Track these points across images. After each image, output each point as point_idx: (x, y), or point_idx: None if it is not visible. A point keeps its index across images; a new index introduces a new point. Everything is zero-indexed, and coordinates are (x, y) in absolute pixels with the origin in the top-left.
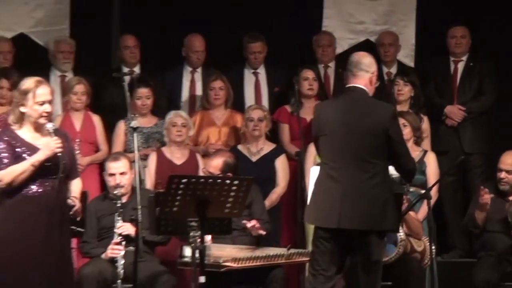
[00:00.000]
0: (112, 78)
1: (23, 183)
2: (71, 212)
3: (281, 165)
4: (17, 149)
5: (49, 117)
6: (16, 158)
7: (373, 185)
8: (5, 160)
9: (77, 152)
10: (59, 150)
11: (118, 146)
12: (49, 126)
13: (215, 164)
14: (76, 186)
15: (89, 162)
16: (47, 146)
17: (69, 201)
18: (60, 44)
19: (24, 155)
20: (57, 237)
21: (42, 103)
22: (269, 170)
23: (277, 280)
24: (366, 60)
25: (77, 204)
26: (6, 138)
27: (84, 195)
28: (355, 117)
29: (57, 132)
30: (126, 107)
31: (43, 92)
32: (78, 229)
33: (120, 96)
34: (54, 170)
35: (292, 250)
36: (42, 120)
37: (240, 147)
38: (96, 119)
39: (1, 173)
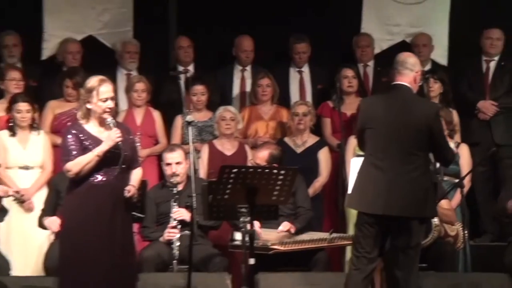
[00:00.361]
0: (170, 76)
1: (89, 173)
2: (128, 195)
3: (323, 156)
4: (84, 142)
5: (112, 112)
6: (83, 150)
7: (417, 175)
8: (74, 152)
9: (138, 145)
10: (119, 139)
11: (175, 138)
12: (109, 120)
13: (262, 156)
14: (135, 175)
15: (149, 154)
16: (109, 137)
17: (125, 191)
18: (127, 45)
19: (90, 147)
20: (120, 222)
21: (105, 100)
22: (313, 161)
23: (320, 262)
24: (411, 60)
25: (132, 190)
26: (74, 132)
27: (144, 184)
28: (402, 112)
29: (120, 126)
30: (182, 103)
31: (105, 89)
32: (139, 215)
33: (177, 93)
34: (117, 160)
35: (334, 234)
36: (105, 116)
37: (286, 139)
38: (156, 114)
39: (70, 164)
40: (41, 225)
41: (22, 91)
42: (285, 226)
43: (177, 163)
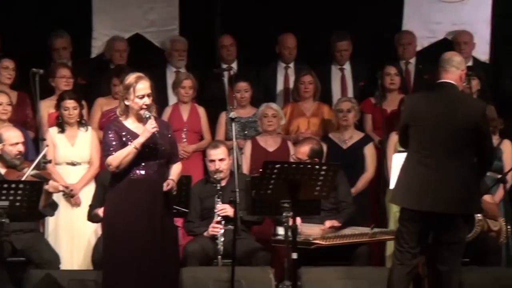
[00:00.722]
0: (214, 73)
1: (129, 168)
2: (166, 188)
3: (369, 152)
4: (123, 138)
5: (149, 108)
6: (123, 146)
7: (463, 173)
8: (113, 147)
9: (184, 140)
10: (155, 129)
11: (220, 135)
12: (145, 113)
13: (303, 151)
14: (174, 169)
15: (194, 150)
16: (145, 129)
17: (164, 184)
18: (175, 43)
19: (129, 142)
20: (160, 215)
21: (142, 97)
22: (358, 157)
23: (362, 257)
24: (457, 58)
25: (170, 183)
26: (114, 128)
27: (188, 179)
28: (449, 110)
29: (158, 121)
30: (226, 100)
31: (142, 86)
32: (183, 209)
33: (221, 90)
34: (156, 155)
35: (376, 229)
36: (142, 112)
37: (331, 135)
38: (201, 111)
39: (110, 158)
40: (90, 219)
41: (71, 88)
42: (328, 224)
43: (221, 159)
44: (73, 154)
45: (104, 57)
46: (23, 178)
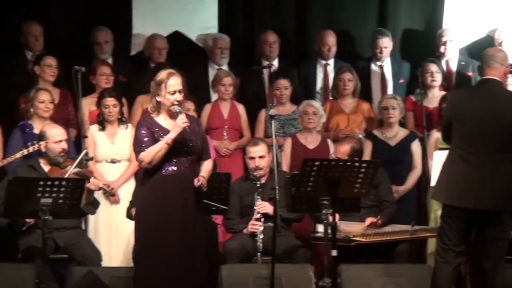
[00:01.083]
0: (253, 71)
1: (160, 164)
2: (196, 184)
3: (416, 149)
4: (155, 134)
5: (180, 105)
6: (155, 142)
7: (508, 169)
8: (145, 143)
9: (225, 138)
10: (186, 124)
11: (259, 132)
12: (175, 108)
13: (343, 150)
14: (206, 166)
15: (236, 147)
16: (176, 124)
17: (195, 180)
18: (218, 41)
19: (161, 139)
20: (192, 211)
21: (173, 93)
22: (406, 154)
23: (402, 254)
24: (501, 54)
25: (201, 180)
26: (146, 124)
27: (228, 176)
28: (493, 107)
29: (189, 117)
30: (265, 97)
31: (174, 82)
32: (223, 207)
33: (261, 87)
34: (187, 151)
35: (416, 227)
36: (173, 107)
37: (376, 132)
38: (241, 108)
39: (142, 154)
40: (130, 216)
41: (112, 86)
42: (369, 220)
43: (260, 157)
44: (113, 151)
45: (144, 54)
46: (65, 176)
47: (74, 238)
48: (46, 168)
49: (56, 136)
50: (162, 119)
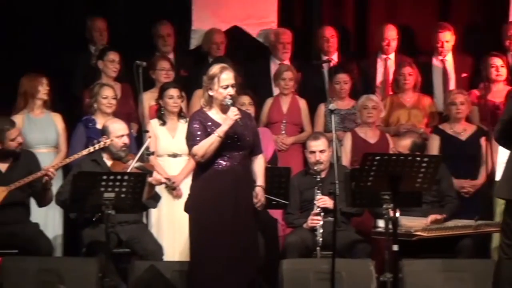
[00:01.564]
0: (313, 65)
1: (213, 159)
2: (258, 205)
3: (486, 143)
4: (208, 129)
5: (233, 99)
6: (207, 136)
7: None
8: (199, 137)
9: (283, 132)
10: (237, 117)
11: (318, 126)
12: (227, 100)
13: (404, 144)
14: (259, 167)
15: (294, 142)
16: (227, 117)
17: (255, 199)
18: (281, 36)
19: (214, 133)
20: (244, 206)
21: (226, 87)
22: (476, 149)
23: (466, 249)
24: None
25: (259, 195)
26: (199, 118)
27: (287, 171)
28: None
29: (241, 111)
30: (325, 91)
31: (226, 77)
32: (283, 201)
33: (320, 82)
34: (239, 146)
35: (480, 221)
36: (225, 101)
37: (443, 127)
38: (302, 103)
39: (195, 148)
40: (187, 210)
41: (171, 80)
42: (432, 218)
43: (321, 151)
44: (174, 146)
45: (202, 49)
46: (127, 171)
47: (136, 232)
48: (108, 162)
49: (118, 131)
50: (214, 113)
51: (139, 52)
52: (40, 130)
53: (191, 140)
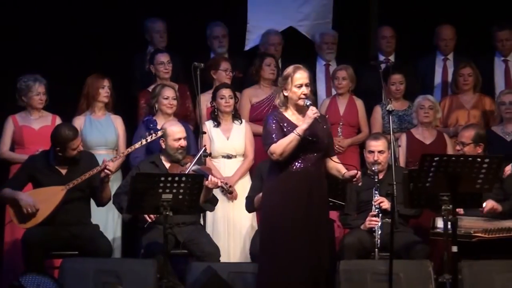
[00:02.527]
0: (369, 65)
1: (288, 160)
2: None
3: None
4: (284, 129)
5: (308, 98)
6: (284, 136)
7: None
8: (276, 136)
9: (339, 134)
10: (317, 115)
11: (376, 128)
12: (306, 100)
13: (467, 134)
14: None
15: (350, 144)
16: (307, 116)
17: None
18: (325, 36)
19: (292, 132)
20: (316, 207)
21: (300, 86)
22: None
23: None
24: None
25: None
26: (276, 118)
27: None
28: None
29: (321, 116)
30: (381, 92)
31: (300, 76)
32: (340, 202)
33: (375, 82)
34: (315, 148)
35: None
36: (301, 102)
37: (493, 128)
38: (359, 103)
39: (273, 146)
40: (248, 209)
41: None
42: (488, 205)
43: (380, 151)
44: (229, 147)
45: (259, 50)
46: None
47: (193, 234)
48: (167, 165)
49: (175, 134)
50: (290, 114)
51: (195, 54)
52: (100, 132)
53: (269, 138)
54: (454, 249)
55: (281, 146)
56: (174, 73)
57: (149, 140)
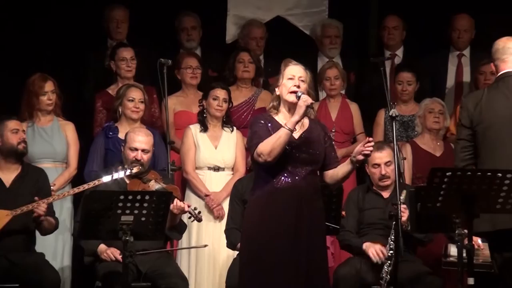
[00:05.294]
0: (370, 63)
1: (273, 173)
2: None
3: None
4: (273, 132)
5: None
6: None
7: None
8: (264, 135)
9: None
10: (310, 101)
11: (377, 136)
12: (298, 92)
13: None
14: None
15: (344, 154)
16: (298, 106)
17: None
18: (326, 28)
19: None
20: (307, 231)
21: (292, 78)
22: None
23: None
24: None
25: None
26: (263, 119)
27: (338, 190)
28: None
29: (315, 123)
30: (385, 94)
31: (292, 67)
32: (334, 226)
33: (379, 82)
34: (307, 160)
35: None
36: (291, 97)
37: None
38: (354, 108)
39: (260, 145)
40: (233, 245)
41: (198, 81)
42: None
43: (387, 163)
44: (217, 157)
45: (238, 44)
46: None
47: (158, 263)
48: (128, 180)
49: (132, 142)
50: (281, 118)
51: (164, 49)
52: (46, 141)
53: (256, 138)
54: (471, 281)
55: (268, 143)
56: (139, 71)
57: (113, 177)
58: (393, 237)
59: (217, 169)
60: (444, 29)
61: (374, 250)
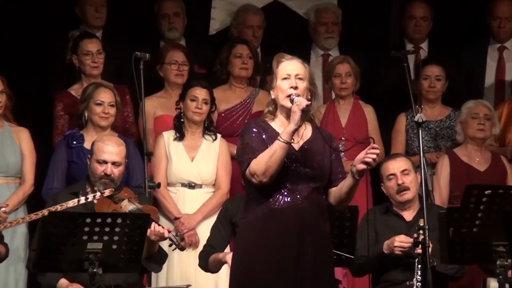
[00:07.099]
0: (390, 57)
1: (269, 193)
2: None
3: None
4: (268, 143)
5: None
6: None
7: None
8: (258, 150)
9: (342, 154)
10: (306, 103)
11: (397, 146)
12: (293, 95)
13: None
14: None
15: None
16: (292, 112)
17: None
18: (322, 14)
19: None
20: (311, 260)
21: (287, 78)
22: None
23: None
24: None
25: None
26: (257, 127)
27: (353, 211)
28: None
29: (320, 131)
30: (408, 95)
31: (286, 63)
32: (347, 255)
33: (401, 81)
34: (308, 175)
35: None
36: (286, 102)
37: None
38: (368, 111)
39: (253, 163)
40: (203, 265)
41: (185, 79)
42: None
43: (403, 171)
44: (192, 172)
45: (230, 34)
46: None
47: None
48: (95, 200)
49: (100, 153)
50: (277, 125)
51: (140, 40)
52: None
53: (248, 153)
54: None
55: (262, 161)
56: (108, 67)
57: (80, 202)
58: (419, 270)
59: (192, 186)
60: (482, 17)
61: (399, 241)
